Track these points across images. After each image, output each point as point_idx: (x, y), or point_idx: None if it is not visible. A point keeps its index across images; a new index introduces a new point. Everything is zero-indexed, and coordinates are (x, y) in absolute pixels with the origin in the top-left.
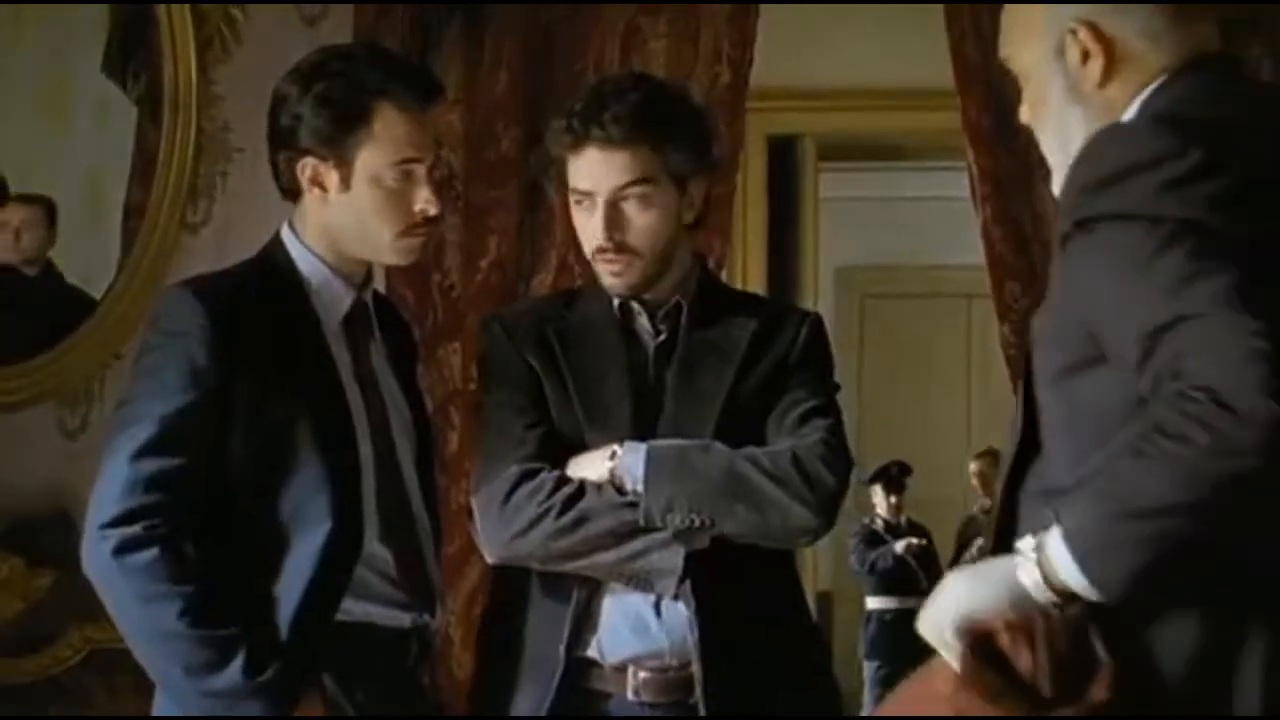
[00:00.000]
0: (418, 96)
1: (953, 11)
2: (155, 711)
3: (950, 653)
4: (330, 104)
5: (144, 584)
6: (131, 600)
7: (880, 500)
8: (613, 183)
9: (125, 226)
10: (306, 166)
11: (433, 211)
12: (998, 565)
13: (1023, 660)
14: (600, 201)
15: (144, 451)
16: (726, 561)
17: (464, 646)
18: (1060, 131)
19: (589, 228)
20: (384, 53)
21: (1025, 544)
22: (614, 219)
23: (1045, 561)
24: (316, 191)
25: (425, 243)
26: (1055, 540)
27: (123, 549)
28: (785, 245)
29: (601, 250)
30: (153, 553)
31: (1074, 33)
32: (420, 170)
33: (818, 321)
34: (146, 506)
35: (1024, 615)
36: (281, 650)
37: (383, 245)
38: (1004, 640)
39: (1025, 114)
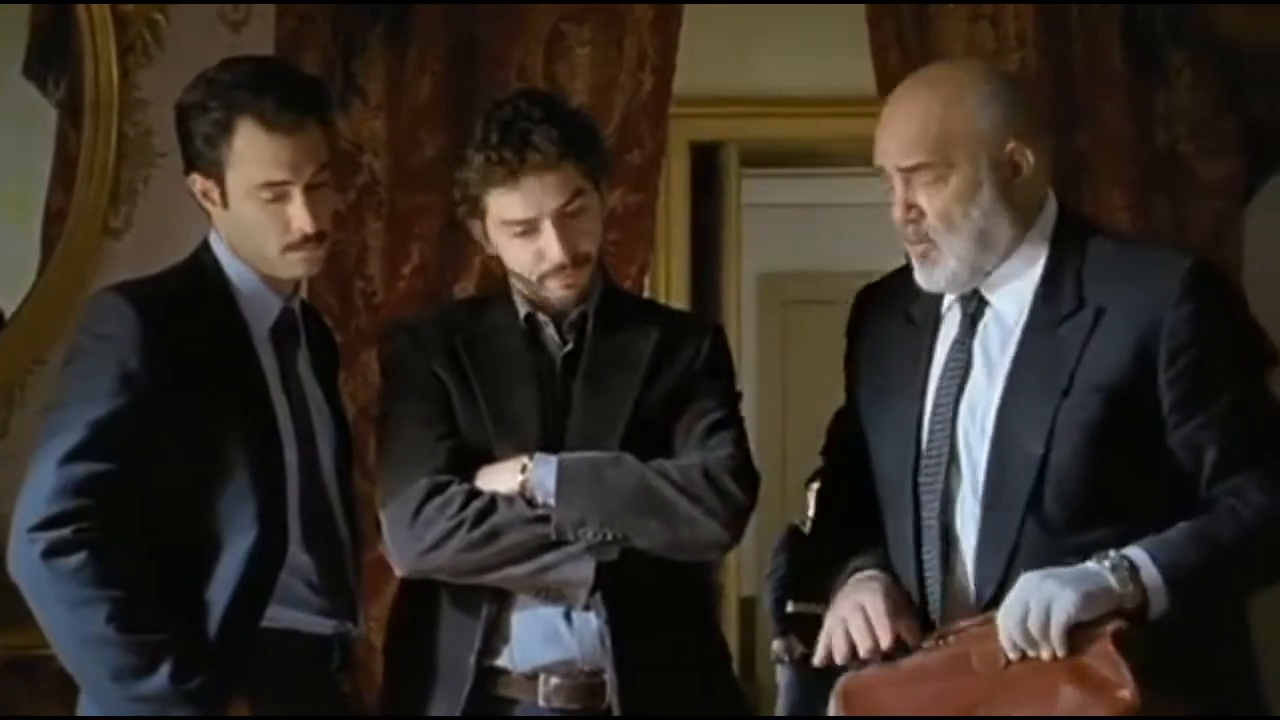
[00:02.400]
0: (285, 112)
1: (875, 18)
2: (79, 715)
3: (1045, 647)
4: (202, 122)
5: (72, 588)
6: (59, 604)
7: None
8: (556, 203)
9: (46, 232)
10: (195, 180)
11: (310, 230)
12: (1083, 574)
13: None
14: (547, 225)
15: (73, 455)
16: (636, 570)
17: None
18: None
19: (532, 252)
20: (265, 67)
21: (1106, 561)
22: (566, 236)
23: (1136, 580)
24: (209, 205)
25: (318, 255)
26: (1147, 564)
27: (51, 552)
28: (707, 252)
29: (560, 268)
30: (81, 557)
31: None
32: (293, 190)
33: (720, 332)
34: (75, 510)
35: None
36: (209, 656)
37: (270, 259)
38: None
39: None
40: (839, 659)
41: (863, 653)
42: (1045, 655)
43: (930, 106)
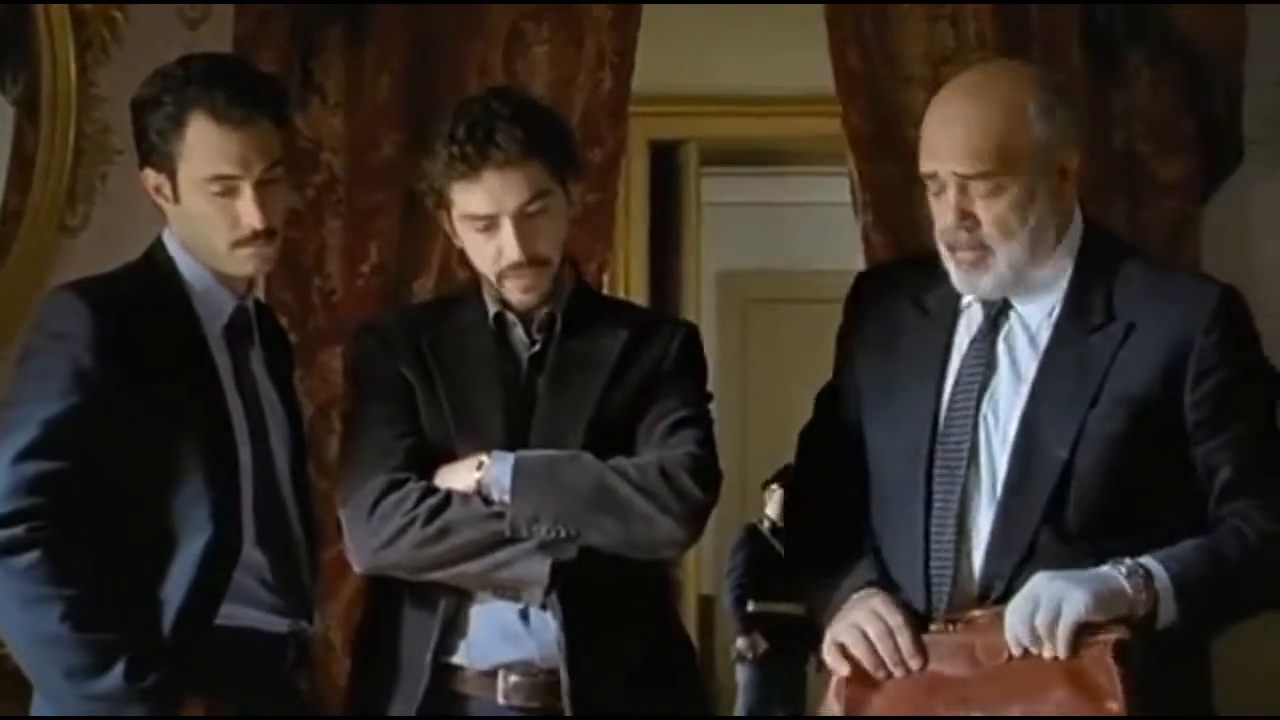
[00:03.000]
0: (235, 106)
1: (834, 17)
2: (33, 714)
3: (1049, 646)
4: (156, 117)
5: (25, 586)
6: (12, 603)
7: (777, 502)
8: (517, 201)
9: (2, 230)
10: (149, 176)
11: (259, 226)
12: (1096, 576)
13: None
14: (506, 221)
15: (27, 454)
16: (594, 570)
17: (344, 652)
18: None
19: (493, 248)
20: (220, 63)
21: (1122, 566)
22: (525, 235)
23: (1150, 588)
24: (161, 201)
25: (268, 253)
26: (1160, 572)
27: (4, 550)
28: (667, 250)
29: (515, 266)
30: (34, 555)
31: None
32: (242, 185)
33: (692, 331)
34: (29, 509)
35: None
36: (163, 655)
37: (221, 255)
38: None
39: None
40: (867, 664)
41: (887, 660)
42: (1048, 654)
43: (990, 114)
